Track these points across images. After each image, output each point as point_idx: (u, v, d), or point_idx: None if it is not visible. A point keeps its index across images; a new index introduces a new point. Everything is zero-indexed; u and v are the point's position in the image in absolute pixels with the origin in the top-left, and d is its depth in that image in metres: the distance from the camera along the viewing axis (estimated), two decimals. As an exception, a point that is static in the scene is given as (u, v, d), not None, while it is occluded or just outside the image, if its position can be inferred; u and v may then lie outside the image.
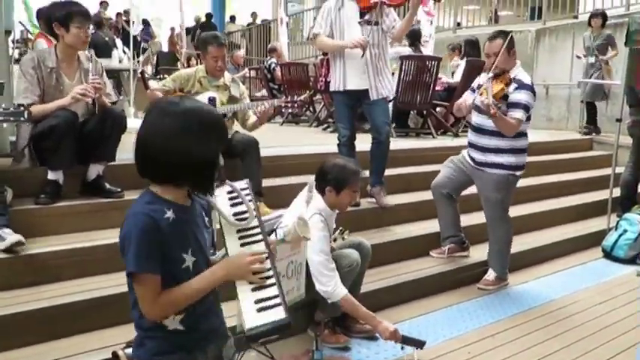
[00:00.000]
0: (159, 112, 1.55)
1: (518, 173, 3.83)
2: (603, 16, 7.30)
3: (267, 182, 3.97)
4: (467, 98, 3.91)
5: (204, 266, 1.63)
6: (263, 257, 1.65)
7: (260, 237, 1.71)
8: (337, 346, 3.04)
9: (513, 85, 3.67)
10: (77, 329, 2.74)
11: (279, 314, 1.60)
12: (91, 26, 3.83)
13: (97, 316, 2.80)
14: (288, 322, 1.59)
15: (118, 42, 9.49)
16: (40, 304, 2.73)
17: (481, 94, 3.67)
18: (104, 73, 3.69)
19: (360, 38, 4.00)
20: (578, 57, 7.60)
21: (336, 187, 2.95)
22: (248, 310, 1.59)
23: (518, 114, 3.62)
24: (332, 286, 2.83)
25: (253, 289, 1.62)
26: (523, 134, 3.80)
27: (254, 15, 16.84)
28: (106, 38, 9.16)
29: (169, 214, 1.55)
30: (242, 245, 1.68)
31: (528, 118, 3.74)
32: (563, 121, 8.41)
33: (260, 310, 1.60)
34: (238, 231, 1.70)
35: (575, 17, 9.05)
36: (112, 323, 2.77)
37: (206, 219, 1.71)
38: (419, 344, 2.87)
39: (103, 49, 8.41)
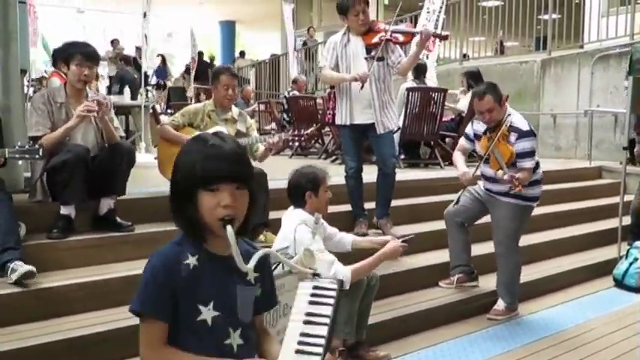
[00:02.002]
0: None
1: (534, 204, 3.86)
2: None
3: (275, 214, 4.01)
4: (464, 148, 4.05)
5: (232, 324, 1.53)
6: None
7: (320, 350, 1.46)
8: None
9: (513, 135, 3.71)
10: (89, 362, 2.77)
11: None
12: (105, 64, 3.96)
13: (111, 349, 2.82)
14: None
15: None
16: (54, 337, 2.77)
17: (489, 155, 3.72)
18: (111, 109, 3.80)
19: (360, 72, 4.09)
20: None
21: (314, 189, 3.05)
22: None
23: (528, 163, 3.70)
24: (332, 271, 2.83)
25: None
26: (537, 166, 3.84)
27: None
28: (135, 75, 9.40)
29: (191, 260, 1.50)
30: (297, 352, 1.47)
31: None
32: (571, 150, 8.42)
33: None
34: (308, 314, 1.52)
35: (581, 47, 9.14)
36: (125, 356, 2.78)
37: (251, 275, 1.56)
38: (412, 239, 3.07)
39: (131, 85, 8.65)
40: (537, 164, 3.86)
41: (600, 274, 4.89)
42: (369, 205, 4.45)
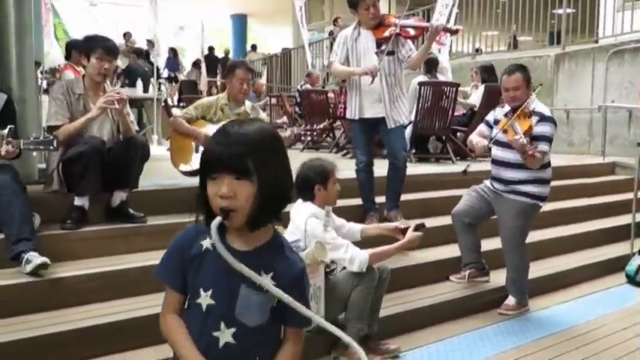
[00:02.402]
0: None
1: (541, 204, 3.83)
2: None
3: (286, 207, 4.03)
4: (482, 133, 3.97)
5: (225, 319, 1.49)
6: None
7: None
8: None
9: (535, 118, 3.70)
10: (104, 351, 2.80)
11: None
12: (119, 58, 4.00)
13: (123, 339, 2.85)
14: None
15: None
16: (67, 327, 2.80)
17: (505, 131, 3.69)
18: (127, 103, 3.83)
19: (370, 66, 4.07)
20: None
21: (323, 182, 3.07)
22: None
23: (545, 147, 3.65)
24: (349, 253, 2.91)
25: None
26: (547, 165, 3.82)
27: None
28: (146, 68, 9.45)
29: (207, 242, 1.50)
30: None
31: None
32: (584, 145, 8.36)
33: None
34: None
35: (596, 42, 9.05)
36: (139, 345, 2.82)
37: (266, 282, 1.43)
38: (423, 225, 3.08)
39: (142, 78, 8.70)
40: (548, 163, 3.84)
41: (612, 270, 4.85)
42: (380, 199, 4.45)
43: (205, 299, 1.49)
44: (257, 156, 1.42)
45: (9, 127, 2.99)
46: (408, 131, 6.40)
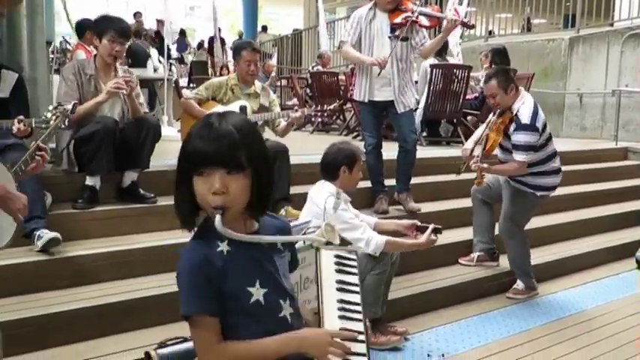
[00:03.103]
0: None
1: (539, 193, 3.81)
2: None
3: (295, 189, 4.03)
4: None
5: (280, 296, 1.50)
6: (350, 336, 1.47)
7: (360, 316, 1.58)
8: (387, 347, 3.09)
9: (513, 125, 3.69)
10: (113, 330, 2.84)
11: None
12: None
13: (132, 317, 2.89)
14: None
15: (153, 52, 9.71)
16: (78, 305, 2.84)
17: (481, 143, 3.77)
18: (137, 85, 3.83)
19: (380, 57, 4.04)
20: None
21: (349, 165, 3.10)
22: None
23: (519, 156, 3.67)
24: (367, 234, 2.95)
25: None
26: (548, 159, 3.80)
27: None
28: (147, 50, 9.41)
29: (223, 246, 1.43)
30: (340, 318, 1.54)
31: (547, 142, 3.77)
32: (597, 130, 8.28)
33: None
34: (339, 301, 1.57)
35: (611, 25, 8.91)
36: (147, 324, 2.86)
37: (279, 243, 1.56)
38: (439, 230, 3.05)
39: (142, 59, 8.66)
40: (551, 156, 3.82)
41: (623, 255, 4.83)
42: (390, 182, 4.44)
43: (259, 292, 1.45)
44: (248, 148, 1.41)
45: (73, 102, 2.94)
46: (417, 114, 6.36)
